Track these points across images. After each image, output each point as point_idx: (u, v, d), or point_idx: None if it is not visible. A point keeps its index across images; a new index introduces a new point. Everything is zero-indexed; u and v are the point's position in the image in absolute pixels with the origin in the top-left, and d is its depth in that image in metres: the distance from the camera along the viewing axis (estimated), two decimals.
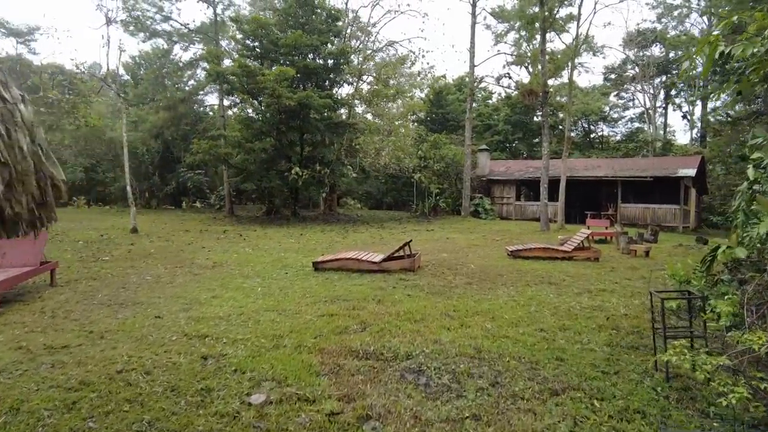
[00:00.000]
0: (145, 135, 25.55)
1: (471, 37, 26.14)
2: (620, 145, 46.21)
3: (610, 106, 46.59)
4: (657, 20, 42.24)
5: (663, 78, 44.30)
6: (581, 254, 11.44)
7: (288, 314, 6.28)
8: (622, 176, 24.48)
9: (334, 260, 9.57)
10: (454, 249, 13.38)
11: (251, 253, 12.20)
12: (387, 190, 38.55)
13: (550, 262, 10.96)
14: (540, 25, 19.94)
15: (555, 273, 9.54)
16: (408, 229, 20.02)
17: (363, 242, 15.23)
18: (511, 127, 39.82)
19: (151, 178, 28.25)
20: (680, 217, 23.40)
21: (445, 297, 7.37)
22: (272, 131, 21.54)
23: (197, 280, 8.58)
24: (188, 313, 6.27)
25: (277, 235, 16.96)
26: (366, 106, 30.09)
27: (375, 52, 28.73)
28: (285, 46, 20.32)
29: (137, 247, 12.85)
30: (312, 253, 12.28)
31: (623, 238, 13.14)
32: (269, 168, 21.73)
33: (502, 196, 28.00)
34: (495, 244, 14.73)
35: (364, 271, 9.36)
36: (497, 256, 12.01)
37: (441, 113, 37.88)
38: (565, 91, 36.22)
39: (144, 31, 23.45)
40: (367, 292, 7.61)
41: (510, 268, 9.99)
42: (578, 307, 6.83)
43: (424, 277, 8.94)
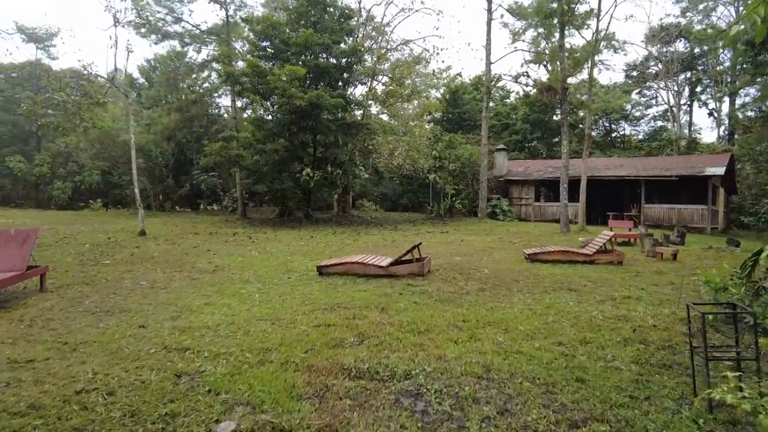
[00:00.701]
0: (158, 137, 25.49)
1: (487, 34, 25.48)
2: (643, 144, 44.86)
3: (632, 104, 45.28)
4: (681, 14, 40.96)
5: (688, 74, 42.89)
6: (603, 258, 10.74)
7: (282, 324, 5.78)
8: (645, 175, 23.51)
9: (339, 264, 9.07)
10: (468, 252, 12.76)
11: (256, 257, 11.78)
12: (402, 191, 38.00)
13: (571, 266, 10.29)
14: (558, 19, 19.20)
15: (575, 278, 8.89)
16: (422, 231, 19.43)
17: (374, 245, 14.71)
18: (530, 126, 38.93)
19: (165, 180, 28.21)
20: (708, 218, 22.34)
21: (454, 305, 6.80)
22: (284, 132, 21.19)
23: (194, 285, 8.16)
24: (175, 322, 5.82)
25: (287, 237, 16.56)
26: (381, 107, 29.67)
27: (389, 52, 28.27)
28: (296, 46, 19.96)
29: (141, 250, 12.54)
30: (320, 257, 11.81)
31: (648, 240, 12.37)
32: (281, 169, 21.39)
33: (520, 197, 27.21)
34: (512, 247, 14.06)
35: (370, 275, 8.84)
36: (514, 259, 11.36)
37: (457, 113, 37.22)
38: (585, 89, 35.34)
39: (156, 33, 23.40)
40: (370, 299, 7.09)
41: (527, 273, 9.36)
42: (601, 316, 6.20)
43: (433, 282, 8.38)
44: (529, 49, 28.78)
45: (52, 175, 33.31)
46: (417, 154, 25.34)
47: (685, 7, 40.62)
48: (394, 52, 28.79)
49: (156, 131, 25.40)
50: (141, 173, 28.32)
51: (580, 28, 21.72)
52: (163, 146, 26.54)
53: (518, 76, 39.38)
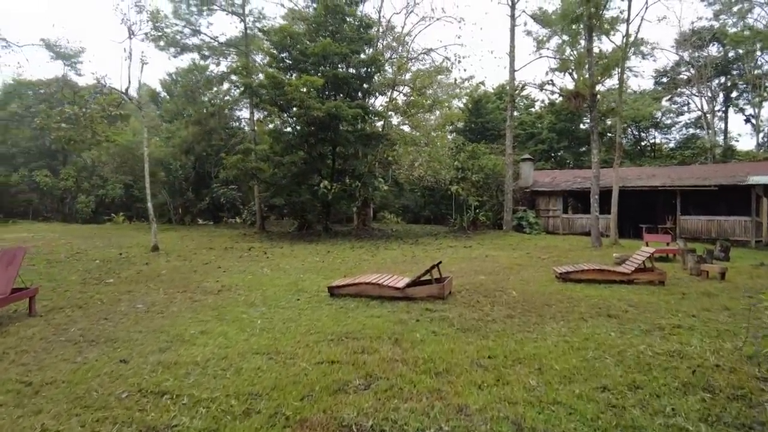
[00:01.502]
0: (176, 150, 25.36)
1: (510, 41, 24.67)
2: (675, 152, 43.13)
3: (663, 112, 43.64)
4: (714, 17, 39.35)
5: (722, 79, 41.14)
6: (643, 277, 9.75)
7: (280, 359, 5.08)
8: (681, 185, 22.19)
9: (352, 285, 8.36)
10: (493, 270, 11.90)
11: (267, 275, 11.16)
12: (424, 203, 37.21)
13: (607, 287, 9.34)
14: (585, 23, 18.29)
15: (614, 301, 7.96)
16: (443, 245, 18.60)
17: (393, 261, 13.96)
18: (556, 135, 37.77)
19: (185, 193, 28.08)
20: (752, 231, 20.88)
21: (478, 335, 5.99)
22: (302, 144, 20.74)
23: (193, 308, 7.55)
24: (162, 356, 5.18)
25: (303, 252, 15.95)
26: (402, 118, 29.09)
27: (410, 61, 27.68)
28: (314, 56, 19.52)
29: (150, 267, 12.07)
30: (334, 274, 11.13)
31: (691, 257, 11.30)
32: (300, 182, 20.91)
33: (547, 209, 26.10)
34: (541, 264, 13.12)
35: (385, 297, 8.10)
36: (544, 279, 10.46)
37: (480, 122, 36.37)
38: (613, 97, 34.05)
39: (174, 46, 23.36)
40: (383, 327, 6.33)
41: (560, 295, 8.47)
42: (650, 352, 5.30)
43: (455, 306, 7.57)
44: (555, 56, 27.87)
45: (77, 189, 33.70)
46: (438, 165, 24.57)
47: (719, 10, 38.99)
48: (414, 62, 28.24)
49: (174, 144, 25.28)
50: (161, 187, 28.31)
51: (609, 32, 20.72)
52: (182, 159, 26.43)
53: (543, 85, 38.46)
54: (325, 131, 20.00)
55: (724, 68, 40.08)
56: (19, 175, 33.78)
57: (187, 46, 23.81)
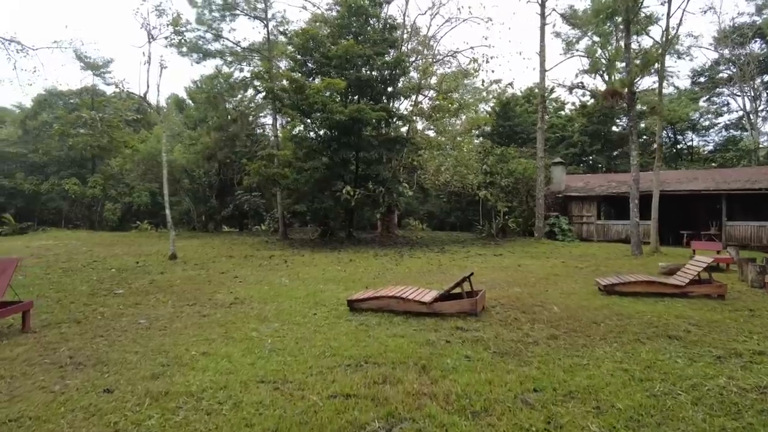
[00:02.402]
0: (198, 156, 25.15)
1: (540, 40, 23.67)
2: (714, 155, 41.11)
3: (701, 113, 41.68)
4: (756, 12, 37.37)
5: (765, 77, 39.02)
6: (699, 290, 8.70)
7: (287, 390, 4.35)
8: (727, 189, 20.77)
9: (374, 299, 7.59)
10: (528, 281, 10.97)
11: (286, 285, 10.50)
12: (450, 209, 36.25)
13: (659, 301, 8.33)
14: (623, 17, 17.21)
15: (672, 319, 6.98)
16: (471, 253, 17.68)
17: (418, 270, 13.15)
18: (588, 138, 36.37)
19: (209, 201, 27.87)
20: None
21: (519, 361, 5.15)
22: (325, 149, 20.16)
23: (200, 324, 6.91)
24: (153, 383, 4.51)
25: (324, 261, 15.28)
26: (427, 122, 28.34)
27: (435, 65, 26.90)
28: (336, 58, 18.94)
29: (164, 277, 11.57)
30: (355, 285, 10.40)
31: (753, 268, 10.15)
32: (322, 188, 20.33)
33: (581, 215, 24.87)
34: (579, 274, 12.12)
35: (411, 313, 7.31)
36: (586, 291, 9.49)
37: (509, 126, 35.27)
38: (648, 98, 32.52)
39: (196, 52, 23.18)
40: (408, 350, 5.55)
41: (607, 311, 7.52)
42: (734, 387, 4.37)
43: (489, 324, 6.73)
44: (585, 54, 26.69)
45: (105, 197, 34.00)
46: (466, 170, 23.64)
47: (762, 5, 37.02)
48: (440, 65, 27.45)
49: (196, 151, 25.08)
50: (185, 194, 28.19)
51: (646, 27, 19.57)
52: (205, 166, 26.24)
53: (573, 87, 37.16)
54: (347, 135, 19.38)
55: (767, 66, 38.02)
56: (50, 183, 34.26)
57: (210, 52, 23.59)
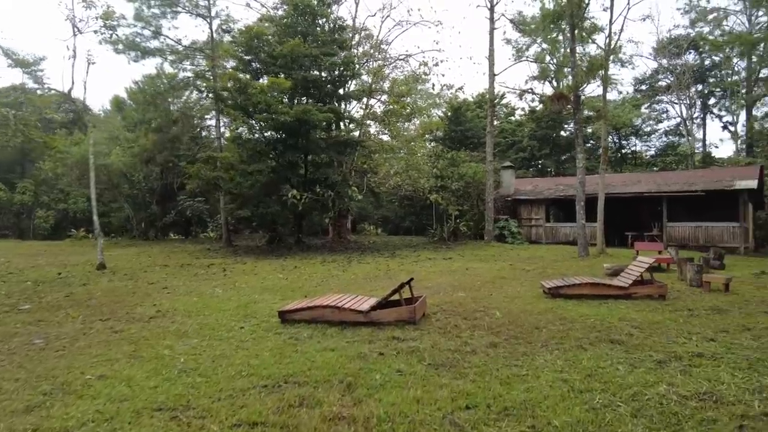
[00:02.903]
0: (135, 160, 23.71)
1: (489, 44, 23.81)
2: (656, 159, 42.87)
3: (642, 119, 43.45)
4: (690, 26, 39.31)
5: (699, 87, 41.08)
6: (642, 290, 8.64)
7: (185, 420, 3.75)
8: (668, 191, 21.43)
9: (307, 309, 7.04)
10: (474, 284, 10.69)
11: (218, 296, 9.77)
12: (405, 213, 36.05)
13: (603, 303, 8.18)
14: (568, 21, 17.44)
15: (615, 322, 6.79)
16: (422, 257, 17.38)
17: (365, 276, 12.68)
18: (537, 142, 37.04)
19: (150, 207, 26.37)
20: (741, 237, 20.16)
21: (454, 374, 4.74)
22: (270, 152, 19.40)
23: (108, 342, 6.15)
24: (23, 418, 3.80)
25: (267, 268, 14.56)
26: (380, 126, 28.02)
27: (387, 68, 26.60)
28: (281, 57, 18.27)
29: (85, 289, 10.58)
30: (294, 294, 9.81)
31: (691, 267, 10.25)
32: (268, 192, 19.52)
33: (530, 218, 25.11)
34: (526, 277, 11.97)
35: (347, 323, 6.80)
36: (531, 294, 9.27)
37: (460, 130, 35.45)
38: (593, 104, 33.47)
39: (133, 49, 21.88)
40: (336, 365, 5.04)
41: (550, 315, 7.27)
42: (674, 395, 4.10)
43: (427, 333, 6.31)
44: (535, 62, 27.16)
45: (36, 203, 31.72)
46: (417, 174, 23.40)
47: (695, 18, 38.95)
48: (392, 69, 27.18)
49: (134, 154, 23.63)
50: (124, 200, 26.60)
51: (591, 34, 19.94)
52: (144, 170, 24.78)
53: (523, 93, 37.85)
54: (295, 137, 18.73)
55: (701, 76, 40.06)
56: None
57: (149, 50, 22.30)
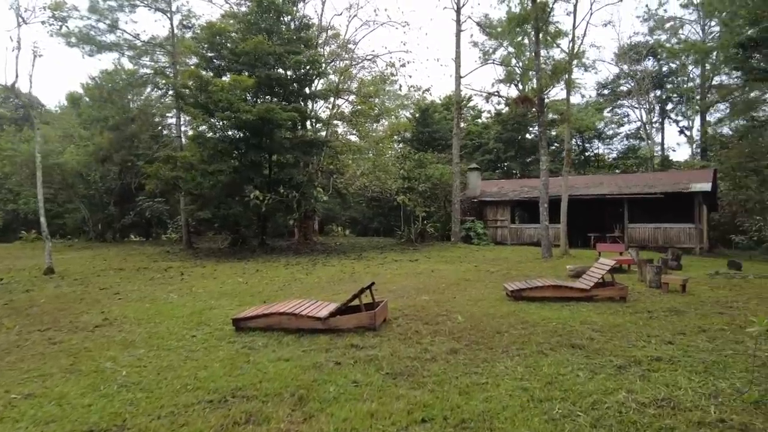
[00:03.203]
0: (90, 159, 22.65)
1: (456, 47, 23.91)
2: (617, 162, 44.03)
3: (605, 122, 44.63)
4: (649, 33, 40.59)
5: (657, 92, 42.46)
6: (604, 293, 8.69)
7: None
8: (628, 193, 21.96)
9: (263, 316, 6.74)
10: (438, 287, 10.57)
11: (173, 302, 9.34)
12: (373, 215, 35.89)
13: (565, 305, 8.18)
14: (533, 24, 17.62)
15: (576, 325, 6.75)
16: (388, 259, 17.22)
17: (329, 280, 12.40)
18: (503, 144, 37.53)
19: (107, 207, 25.27)
20: (696, 238, 20.81)
21: (412, 383, 4.56)
22: (233, 151, 18.87)
23: (43, 355, 5.71)
24: None
25: (227, 272, 14.10)
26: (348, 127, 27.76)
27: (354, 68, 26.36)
28: (244, 54, 17.79)
29: (27, 296, 9.95)
30: (253, 300, 9.46)
31: (651, 268, 10.41)
32: (231, 193, 18.97)
33: (495, 219, 25.32)
34: (490, 279, 11.94)
35: (305, 330, 6.54)
36: (494, 296, 9.21)
37: (428, 132, 35.53)
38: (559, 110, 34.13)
39: (88, 43, 20.88)
40: (290, 376, 4.78)
41: (513, 319, 7.19)
42: (633, 402, 4.02)
43: (387, 340, 6.11)
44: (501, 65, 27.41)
45: None
46: (385, 175, 23.23)
47: (653, 26, 40.22)
48: (360, 69, 26.95)
49: (88, 152, 22.57)
50: (80, 200, 25.46)
51: (556, 38, 20.25)
52: (100, 169, 23.69)
53: (490, 96, 38.25)
54: (258, 137, 18.27)
55: (660, 82, 41.38)
56: None
57: (105, 45, 21.35)
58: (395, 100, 37.61)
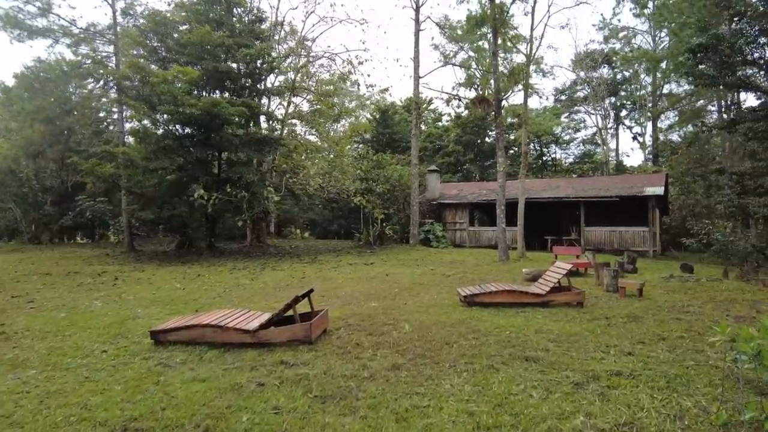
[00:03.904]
0: (18, 153, 20.89)
1: (414, 46, 23.47)
2: (574, 166, 44.81)
3: (562, 128, 45.39)
4: (604, 42, 41.55)
5: (612, 99, 43.53)
6: (560, 298, 8.31)
7: None
8: (585, 196, 22.04)
9: (185, 328, 5.95)
10: (390, 292, 9.98)
11: (94, 310, 8.37)
12: (333, 217, 35.04)
13: (520, 312, 7.73)
14: (491, 24, 17.36)
15: (531, 334, 6.28)
16: (343, 262, 16.53)
17: (275, 285, 11.62)
18: (462, 147, 37.44)
19: (42, 207, 23.46)
20: (650, 241, 21.07)
21: (343, 408, 3.92)
22: (178, 148, 17.76)
23: None
24: None
25: (166, 277, 13.08)
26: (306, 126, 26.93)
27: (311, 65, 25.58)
28: (191, 45, 16.75)
29: None
30: (187, 307, 8.61)
31: (608, 272, 10.15)
32: (176, 192, 17.84)
33: (454, 222, 25.01)
34: (445, 283, 11.45)
35: (233, 345, 5.79)
36: (447, 302, 8.68)
37: (388, 133, 35.06)
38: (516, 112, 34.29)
39: (16, 27, 19.22)
40: (201, 401, 4.06)
41: (464, 327, 6.66)
42: (591, 428, 3.52)
43: (323, 355, 5.45)
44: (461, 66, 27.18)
45: None
46: (342, 176, 22.52)
47: (608, 35, 41.20)
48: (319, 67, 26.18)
49: (17, 146, 20.81)
50: (11, 199, 23.56)
51: (516, 43, 20.09)
52: (32, 165, 21.90)
53: (450, 99, 38.10)
54: (206, 133, 17.24)
55: (614, 89, 42.40)
56: None
57: (37, 30, 19.71)
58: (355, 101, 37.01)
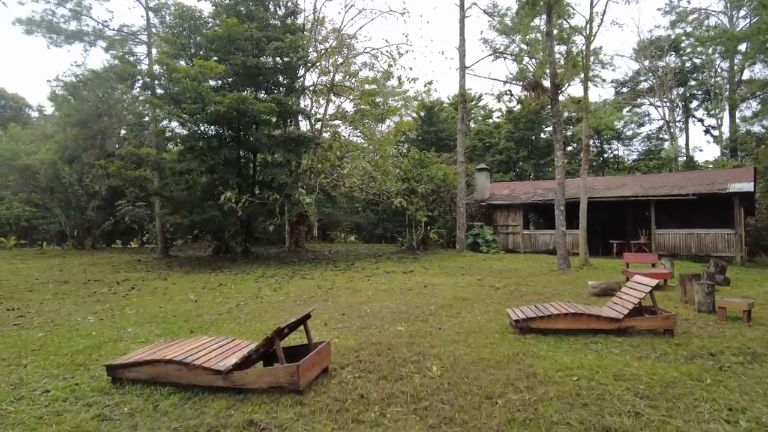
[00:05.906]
0: (54, 158, 20.79)
1: (460, 34, 21.65)
2: (638, 164, 41.27)
3: (624, 122, 41.93)
4: (671, 27, 37.87)
5: (680, 90, 39.70)
6: (641, 323, 6.39)
7: None
8: (656, 195, 19.43)
9: (147, 363, 4.60)
10: (424, 310, 8.33)
11: (80, 329, 7.27)
12: (378, 220, 33.69)
13: (590, 342, 5.91)
14: (544, 1, 15.34)
15: (609, 383, 4.48)
16: (380, 270, 14.97)
17: (296, 297, 10.24)
18: (515, 144, 35.07)
19: (84, 212, 23.41)
20: (736, 245, 18.23)
21: None
22: (208, 149, 16.90)
23: None
24: None
25: (187, 286, 12.03)
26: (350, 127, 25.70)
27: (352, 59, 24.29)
28: (218, 39, 15.81)
29: None
30: (185, 326, 7.37)
31: (700, 287, 8.05)
32: (205, 196, 16.96)
33: (506, 224, 22.93)
34: (493, 297, 9.66)
35: (201, 387, 4.39)
36: (493, 327, 6.95)
37: (434, 131, 33.32)
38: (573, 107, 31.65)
39: (54, 32, 19.10)
40: None
41: (514, 369, 4.93)
42: None
43: (311, 413, 3.90)
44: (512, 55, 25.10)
45: None
46: (381, 176, 20.98)
47: (676, 19, 37.53)
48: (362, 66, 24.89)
49: (53, 151, 20.71)
50: (56, 204, 23.69)
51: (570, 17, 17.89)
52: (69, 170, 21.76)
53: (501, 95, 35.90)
54: (235, 132, 16.26)
55: (683, 78, 38.66)
56: None
57: (70, 33, 19.49)
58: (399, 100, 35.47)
